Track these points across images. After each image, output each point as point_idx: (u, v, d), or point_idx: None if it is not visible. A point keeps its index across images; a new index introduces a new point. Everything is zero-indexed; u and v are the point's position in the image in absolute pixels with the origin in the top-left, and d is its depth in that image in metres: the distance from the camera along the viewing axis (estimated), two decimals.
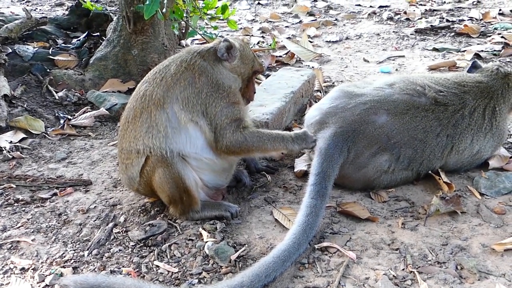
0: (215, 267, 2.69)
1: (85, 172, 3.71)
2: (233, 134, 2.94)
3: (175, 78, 2.94)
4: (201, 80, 2.95)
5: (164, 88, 2.92)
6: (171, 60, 3.09)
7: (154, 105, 2.90)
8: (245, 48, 3.21)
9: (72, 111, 4.77)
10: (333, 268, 2.65)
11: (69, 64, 5.47)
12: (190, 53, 3.08)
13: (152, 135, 2.88)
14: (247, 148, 2.99)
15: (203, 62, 3.01)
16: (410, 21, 8.13)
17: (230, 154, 3.03)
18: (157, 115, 2.89)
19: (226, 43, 3.05)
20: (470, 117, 3.35)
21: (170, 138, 2.89)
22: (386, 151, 3.23)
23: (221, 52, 3.05)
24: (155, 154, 2.88)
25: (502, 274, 2.56)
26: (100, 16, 6.26)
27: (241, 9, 9.62)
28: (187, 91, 2.92)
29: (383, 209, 3.18)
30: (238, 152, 3.02)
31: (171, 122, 2.89)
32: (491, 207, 3.14)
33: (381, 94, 3.35)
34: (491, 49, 6.34)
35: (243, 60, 3.16)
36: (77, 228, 3.06)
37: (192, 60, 3.01)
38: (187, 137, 2.93)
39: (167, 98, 2.90)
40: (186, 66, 2.98)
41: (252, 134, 2.99)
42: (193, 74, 2.96)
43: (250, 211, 3.20)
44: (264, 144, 3.00)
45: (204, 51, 3.08)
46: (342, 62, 6.39)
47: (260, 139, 2.99)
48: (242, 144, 2.96)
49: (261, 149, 3.04)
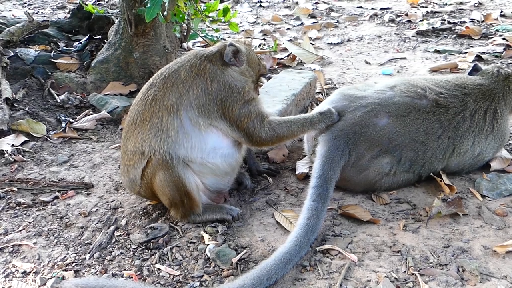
0: (216, 270, 2.69)
1: (87, 175, 3.72)
2: (260, 130, 3.04)
3: (187, 85, 2.94)
4: (214, 87, 2.96)
5: (176, 94, 2.92)
6: (179, 64, 3.05)
7: (167, 111, 2.90)
8: (250, 51, 3.21)
9: (73, 114, 4.79)
10: (334, 270, 2.65)
11: (70, 67, 5.48)
12: (197, 57, 3.05)
13: (161, 139, 2.89)
14: (279, 138, 3.12)
15: (212, 67, 3.00)
16: (412, 23, 8.12)
17: (264, 146, 3.21)
18: (169, 120, 2.89)
19: (232, 47, 3.02)
20: (471, 119, 3.35)
21: (179, 143, 2.90)
22: (388, 154, 3.23)
23: (228, 57, 3.03)
24: (157, 157, 2.88)
25: (504, 276, 2.55)
26: (102, 19, 6.28)
27: (242, 12, 9.63)
28: (201, 98, 2.94)
29: (385, 211, 3.17)
30: (271, 144, 3.17)
31: (184, 128, 2.90)
32: (492, 209, 3.13)
33: (382, 96, 3.35)
34: (493, 51, 6.32)
35: (250, 64, 3.17)
36: (79, 231, 3.07)
37: (201, 66, 2.99)
38: (199, 141, 2.94)
39: (180, 105, 2.90)
40: (196, 72, 2.97)
41: (280, 124, 3.11)
42: (205, 80, 2.96)
43: (252, 214, 3.20)
44: (293, 131, 3.16)
45: (211, 55, 3.05)
46: (344, 64, 6.39)
47: (289, 127, 3.13)
48: (273, 136, 3.09)
49: (291, 136, 3.18)
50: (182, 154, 2.92)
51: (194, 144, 2.94)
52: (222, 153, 3.06)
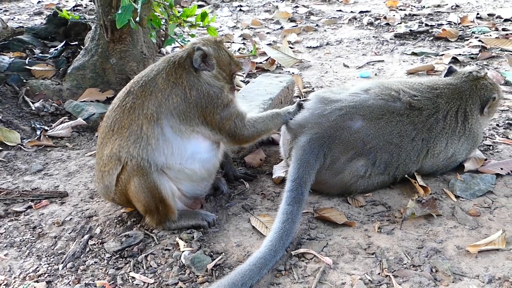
0: (191, 277, 2.67)
1: (61, 183, 3.67)
2: (243, 128, 3.13)
3: (166, 94, 2.92)
4: (193, 95, 2.95)
5: (155, 103, 2.90)
6: (155, 72, 3.00)
7: (147, 119, 2.88)
8: (220, 52, 3.11)
9: (49, 121, 4.73)
10: (309, 274, 2.65)
11: (46, 74, 5.41)
12: (170, 64, 3.00)
13: (140, 146, 2.87)
14: (259, 133, 3.25)
15: (188, 75, 2.97)
16: (390, 26, 8.20)
17: (245, 143, 3.31)
18: (149, 128, 2.87)
19: (200, 51, 2.97)
20: (444, 121, 3.38)
21: (159, 150, 2.88)
22: (362, 156, 3.24)
23: (197, 63, 2.98)
24: (133, 163, 2.86)
25: (476, 275, 2.58)
26: (78, 25, 6.22)
27: (222, 16, 9.63)
28: (181, 107, 2.93)
29: (360, 214, 3.18)
30: (252, 140, 3.27)
31: (165, 135, 2.89)
32: (466, 209, 3.16)
33: (357, 99, 3.37)
34: (469, 52, 6.41)
35: (221, 66, 3.09)
36: (52, 241, 3.02)
37: (177, 74, 2.97)
38: (179, 148, 2.93)
39: (160, 114, 2.89)
40: (174, 81, 2.95)
41: (257, 120, 3.23)
42: (183, 89, 2.95)
43: (228, 219, 3.19)
44: (268, 124, 3.29)
45: (182, 61, 3.00)
46: (322, 68, 6.42)
47: (265, 123, 3.26)
48: (255, 132, 3.21)
49: (268, 130, 3.32)
50: (161, 161, 2.90)
51: (175, 151, 2.93)
52: (200, 158, 3.05)
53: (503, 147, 3.98)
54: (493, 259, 2.70)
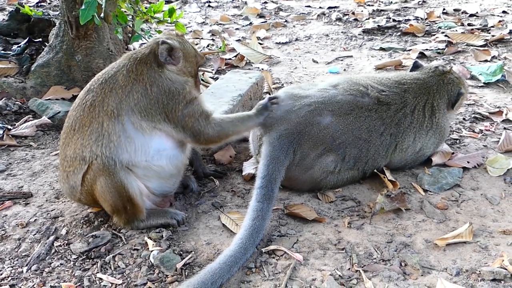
0: (160, 277, 2.63)
1: (26, 184, 3.57)
2: (207, 127, 3.02)
3: (126, 90, 2.86)
4: (154, 91, 2.89)
5: (116, 99, 2.84)
6: (115, 69, 2.95)
7: (107, 116, 2.82)
8: (185, 45, 3.09)
9: (12, 120, 4.59)
10: (280, 271, 2.64)
11: (9, 72, 5.24)
12: (131, 60, 2.95)
13: (102, 144, 2.81)
14: (225, 134, 3.12)
15: (149, 71, 2.92)
16: (358, 22, 8.26)
17: (211, 144, 3.23)
18: (110, 125, 2.81)
19: (166, 45, 2.92)
20: (412, 115, 3.42)
21: (122, 147, 2.82)
22: (332, 152, 3.25)
23: (163, 57, 2.93)
24: (98, 162, 2.79)
25: (444, 268, 2.61)
26: (42, 21, 6.04)
27: (191, 12, 9.53)
28: (142, 103, 2.87)
29: (330, 209, 3.19)
30: (218, 141, 3.17)
31: (126, 132, 2.83)
32: (434, 203, 3.20)
33: (325, 95, 3.37)
34: (435, 47, 6.51)
35: (186, 59, 3.04)
36: (16, 243, 2.93)
37: (138, 70, 2.91)
38: (142, 145, 2.88)
39: (121, 110, 2.83)
40: (134, 78, 2.89)
41: (224, 120, 3.12)
42: (144, 85, 2.89)
43: (198, 217, 3.15)
44: (237, 126, 3.18)
45: (144, 57, 2.96)
46: (292, 64, 6.42)
47: (232, 123, 3.15)
48: (220, 132, 3.08)
49: (236, 132, 3.20)
50: (126, 158, 2.84)
51: (138, 148, 2.87)
52: (167, 155, 3.00)
53: (470, 140, 4.05)
54: (461, 251, 2.74)
